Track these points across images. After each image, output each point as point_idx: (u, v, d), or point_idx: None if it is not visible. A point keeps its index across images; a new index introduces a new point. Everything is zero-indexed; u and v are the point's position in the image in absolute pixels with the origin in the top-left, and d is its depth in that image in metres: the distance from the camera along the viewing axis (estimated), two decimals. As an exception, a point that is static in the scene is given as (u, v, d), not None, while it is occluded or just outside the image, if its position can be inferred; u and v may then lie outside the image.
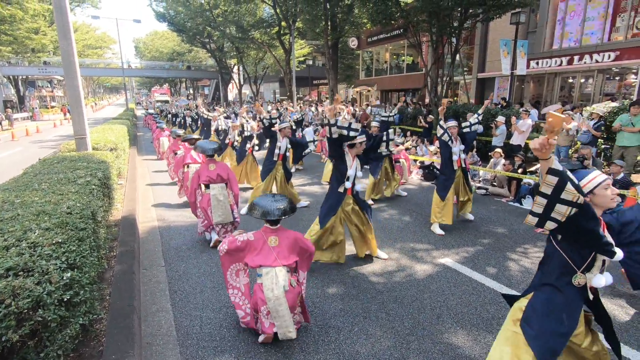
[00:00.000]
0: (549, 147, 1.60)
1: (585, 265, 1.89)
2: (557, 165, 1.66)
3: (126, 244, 4.30)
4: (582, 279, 1.90)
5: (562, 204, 1.71)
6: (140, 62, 51.97)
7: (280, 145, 5.98)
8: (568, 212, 1.72)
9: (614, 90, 13.99)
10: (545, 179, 1.70)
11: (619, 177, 6.07)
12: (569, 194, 1.68)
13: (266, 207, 2.76)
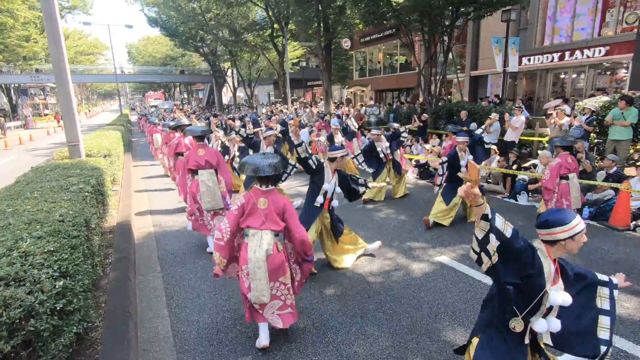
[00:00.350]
0: (474, 195, 1.62)
1: (529, 309, 1.82)
2: (489, 211, 1.67)
3: (121, 250, 4.27)
4: (518, 324, 1.83)
5: (485, 255, 1.75)
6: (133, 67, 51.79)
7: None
8: (488, 264, 1.77)
9: (606, 84, 14.11)
10: (479, 224, 1.72)
11: (612, 171, 6.12)
12: (491, 246, 1.72)
13: (257, 163, 2.69)
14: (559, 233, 1.79)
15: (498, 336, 1.91)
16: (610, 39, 13.02)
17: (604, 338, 1.96)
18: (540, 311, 1.86)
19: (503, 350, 1.88)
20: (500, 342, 1.90)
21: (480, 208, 1.66)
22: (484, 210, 1.67)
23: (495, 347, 1.90)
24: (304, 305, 3.45)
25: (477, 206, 1.66)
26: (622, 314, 3.18)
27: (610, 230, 5.17)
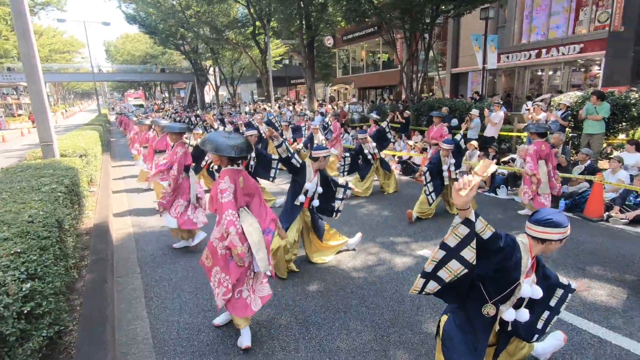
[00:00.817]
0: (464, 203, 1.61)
1: (500, 297, 1.90)
2: (473, 217, 1.68)
3: (98, 252, 4.15)
4: (491, 309, 1.91)
5: (458, 262, 1.75)
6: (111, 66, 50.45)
7: None
8: (459, 272, 1.77)
9: (581, 81, 14.56)
10: (457, 229, 1.71)
11: (586, 164, 6.32)
12: (469, 252, 1.72)
13: (218, 142, 2.60)
14: (554, 234, 1.84)
15: (465, 316, 2.01)
16: (584, 37, 13.44)
17: (539, 328, 2.17)
18: (511, 301, 1.92)
19: (469, 328, 1.98)
20: (467, 321, 1.99)
21: (465, 212, 1.67)
22: (468, 215, 1.68)
23: (462, 324, 2.00)
24: (286, 302, 3.43)
25: (464, 210, 1.66)
26: (595, 301, 3.28)
27: (585, 221, 5.33)
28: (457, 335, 1.98)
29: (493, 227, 1.76)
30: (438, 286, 1.86)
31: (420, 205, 5.48)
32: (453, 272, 1.78)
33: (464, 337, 1.97)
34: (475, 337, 1.96)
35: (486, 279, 1.86)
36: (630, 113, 7.27)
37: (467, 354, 1.93)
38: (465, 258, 1.73)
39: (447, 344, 2.01)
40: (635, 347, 2.67)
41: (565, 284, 2.21)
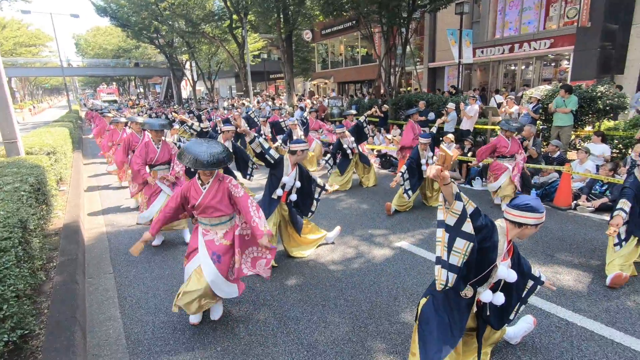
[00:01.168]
0: (443, 177, 1.67)
1: (477, 279, 1.98)
2: (457, 189, 1.74)
3: (68, 252, 3.99)
4: (469, 290, 1.99)
5: (462, 238, 1.78)
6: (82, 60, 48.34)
7: None
8: (466, 249, 1.79)
9: (551, 75, 15.04)
10: (453, 206, 1.74)
11: (556, 155, 6.55)
12: (468, 224, 1.77)
13: (197, 153, 2.59)
14: (530, 218, 1.94)
15: (444, 298, 2.07)
16: (554, 32, 13.87)
17: (510, 318, 2.29)
18: (488, 282, 2.00)
19: (446, 308, 2.05)
20: (445, 303, 2.06)
21: (448, 187, 1.71)
22: (453, 190, 1.72)
23: (440, 306, 2.06)
24: (265, 297, 3.41)
25: (446, 185, 1.71)
26: (562, 286, 3.42)
27: (554, 210, 5.53)
28: (433, 316, 2.04)
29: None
30: (455, 275, 1.85)
31: (399, 199, 5.55)
32: (461, 251, 1.80)
33: (440, 318, 2.02)
34: (452, 319, 2.02)
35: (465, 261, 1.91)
36: (596, 105, 7.57)
37: (441, 333, 1.98)
38: (467, 231, 1.78)
39: (422, 324, 2.07)
40: (599, 328, 2.80)
41: (537, 276, 2.30)
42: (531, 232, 2.01)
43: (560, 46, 13.58)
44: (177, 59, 33.75)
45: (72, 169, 8.87)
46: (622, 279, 3.28)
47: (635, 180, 3.34)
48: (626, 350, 2.57)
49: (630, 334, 2.72)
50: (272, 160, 3.78)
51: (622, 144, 7.21)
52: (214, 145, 2.70)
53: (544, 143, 8.18)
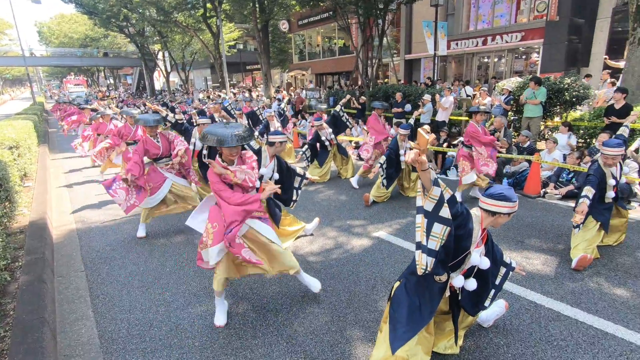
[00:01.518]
0: (421, 162, 1.69)
1: (451, 265, 2.05)
2: (435, 175, 1.78)
3: (34, 251, 3.81)
4: (443, 276, 2.05)
5: (439, 223, 1.83)
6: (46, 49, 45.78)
7: (196, 142, 5.55)
8: (443, 233, 1.85)
9: (522, 68, 15.51)
10: (431, 192, 1.78)
11: (526, 145, 6.78)
12: (445, 209, 1.81)
13: (220, 133, 2.59)
14: (504, 207, 2.01)
15: (417, 281, 2.13)
16: (525, 26, 14.27)
17: (485, 305, 2.36)
18: (461, 269, 2.05)
19: (418, 291, 2.11)
20: (418, 287, 2.12)
21: (426, 173, 1.74)
22: (431, 175, 1.75)
23: (412, 289, 2.13)
24: (243, 291, 3.38)
25: (424, 171, 1.74)
26: (531, 270, 3.57)
27: (524, 198, 5.75)
28: (405, 298, 2.10)
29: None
30: (433, 259, 1.90)
31: (377, 189, 5.61)
32: (439, 235, 1.85)
33: (411, 300, 2.09)
34: (423, 302, 2.08)
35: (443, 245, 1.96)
36: (564, 97, 7.87)
37: (411, 315, 2.04)
38: (444, 216, 1.82)
39: (394, 306, 2.13)
40: (565, 309, 2.94)
41: (508, 263, 2.40)
42: (504, 221, 2.08)
43: (531, 39, 14.00)
44: (149, 49, 32.58)
45: (37, 164, 8.45)
46: (587, 260, 3.46)
47: (598, 167, 3.50)
48: (589, 328, 2.72)
49: (592, 313, 2.88)
50: (252, 152, 3.73)
51: (587, 134, 7.54)
52: (234, 126, 2.70)
53: (515, 133, 8.45)
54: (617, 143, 3.38)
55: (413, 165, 5.08)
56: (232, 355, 2.58)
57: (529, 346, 2.56)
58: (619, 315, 2.85)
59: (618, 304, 3.00)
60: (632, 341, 2.58)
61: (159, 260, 4.04)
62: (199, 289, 3.44)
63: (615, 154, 3.38)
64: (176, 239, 4.60)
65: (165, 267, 3.90)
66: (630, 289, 3.20)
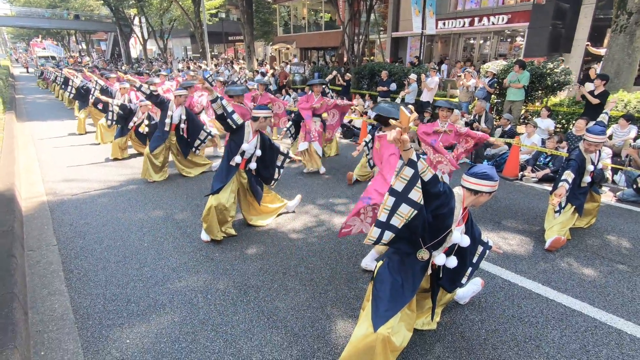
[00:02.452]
0: (403, 141, 1.67)
1: (433, 243, 2.07)
2: (415, 157, 1.75)
3: (2, 223, 3.62)
4: (425, 254, 2.07)
5: (408, 205, 1.83)
6: (10, 8, 42.46)
7: (173, 115, 5.32)
8: (410, 215, 1.86)
9: (506, 51, 15.58)
10: (403, 172, 1.78)
11: (507, 128, 6.88)
12: (416, 192, 1.80)
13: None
14: (485, 186, 2.03)
15: (399, 260, 2.16)
16: (512, 8, 14.23)
17: (462, 282, 2.41)
18: (442, 247, 2.08)
19: (401, 270, 2.14)
20: (400, 266, 2.15)
21: (407, 152, 1.73)
22: (411, 155, 1.74)
23: (394, 267, 2.15)
24: (224, 267, 3.35)
25: (406, 150, 1.72)
26: (507, 250, 3.69)
27: (503, 180, 5.88)
28: (387, 277, 2.12)
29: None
30: (392, 234, 1.94)
31: (361, 169, 5.60)
32: (404, 216, 1.87)
33: (394, 278, 2.11)
34: (405, 278, 2.11)
35: (422, 224, 1.97)
36: (545, 82, 7.98)
37: (393, 294, 2.07)
38: (413, 199, 1.82)
39: (377, 284, 2.15)
40: (537, 287, 3.07)
41: (485, 242, 2.44)
42: (485, 200, 2.11)
43: (517, 22, 14.00)
44: (124, 13, 30.70)
45: (3, 132, 7.97)
46: (561, 242, 3.60)
47: (580, 153, 3.58)
48: (558, 306, 2.85)
49: (562, 292, 3.02)
50: (234, 126, 3.61)
51: (564, 119, 7.73)
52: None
53: (497, 117, 8.57)
54: (600, 130, 3.45)
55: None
56: (213, 331, 2.57)
57: (502, 322, 2.67)
58: (586, 294, 3.00)
59: (586, 283, 3.15)
60: (596, 318, 2.73)
61: (137, 235, 3.94)
62: (178, 264, 3.38)
63: (598, 141, 3.46)
64: (155, 214, 4.48)
65: (143, 241, 3.80)
66: (597, 270, 3.36)
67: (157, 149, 5.41)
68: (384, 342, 1.95)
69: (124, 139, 6.81)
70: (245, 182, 3.92)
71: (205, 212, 3.66)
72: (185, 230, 4.04)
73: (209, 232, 3.72)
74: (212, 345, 2.45)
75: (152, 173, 5.51)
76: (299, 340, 2.50)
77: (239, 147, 3.67)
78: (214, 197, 3.68)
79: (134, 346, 2.44)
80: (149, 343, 2.47)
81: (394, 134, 1.67)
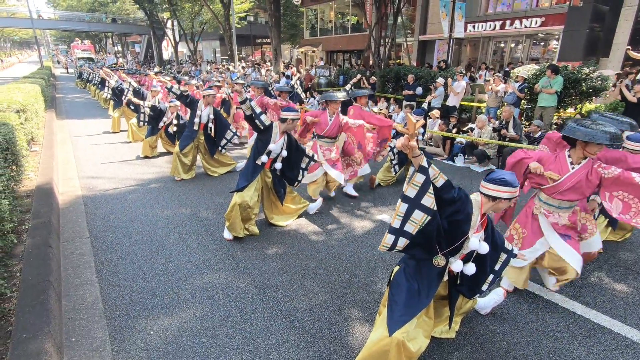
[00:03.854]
0: (411, 147, 1.67)
1: (450, 249, 2.03)
2: (425, 163, 1.74)
3: (41, 215, 3.86)
4: (441, 260, 2.04)
5: (420, 211, 1.83)
6: (54, 12, 45.01)
7: (202, 114, 5.48)
8: (423, 220, 1.85)
9: (539, 55, 15.04)
10: (414, 178, 1.77)
11: (537, 135, 6.65)
12: (429, 198, 1.79)
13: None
14: (504, 192, 1.99)
15: (415, 266, 2.14)
16: (546, 10, 13.74)
17: (483, 289, 2.35)
18: (460, 253, 2.05)
19: (417, 276, 2.12)
20: (417, 271, 2.13)
21: (417, 159, 1.74)
22: (421, 162, 1.75)
23: (411, 273, 2.14)
24: (245, 265, 3.42)
25: (415, 157, 1.73)
26: (533, 261, 3.56)
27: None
28: (404, 282, 2.11)
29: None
30: (407, 241, 1.94)
31: (385, 172, 5.57)
32: (418, 222, 1.87)
33: (410, 284, 2.10)
34: (422, 285, 2.09)
35: (437, 230, 1.95)
36: (580, 88, 7.65)
37: (409, 299, 2.06)
38: (426, 205, 1.82)
39: (393, 289, 2.14)
40: (563, 301, 2.95)
41: (509, 249, 2.37)
42: (505, 206, 2.06)
43: (551, 25, 13.51)
44: (158, 17, 31.91)
45: (44, 129, 8.47)
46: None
47: None
48: (586, 322, 2.74)
49: (591, 307, 2.89)
50: (262, 127, 3.69)
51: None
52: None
53: (526, 123, 8.28)
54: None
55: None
56: (232, 327, 2.64)
57: (524, 335, 2.59)
58: (617, 311, 2.86)
59: (617, 299, 3.00)
60: (627, 336, 2.60)
61: (163, 231, 4.09)
62: (201, 261, 3.48)
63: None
64: (180, 211, 4.64)
65: (169, 237, 3.95)
66: (630, 285, 3.19)
67: (187, 147, 5.59)
68: (399, 346, 1.95)
69: (154, 137, 7.07)
70: (270, 182, 4.00)
71: (230, 209, 3.76)
72: (209, 228, 4.16)
73: (232, 230, 3.81)
74: (231, 341, 2.51)
75: (180, 171, 5.70)
76: (315, 341, 2.52)
77: (266, 146, 3.75)
78: (239, 194, 3.76)
79: (157, 338, 2.54)
80: (171, 336, 2.56)
81: (402, 140, 1.69)
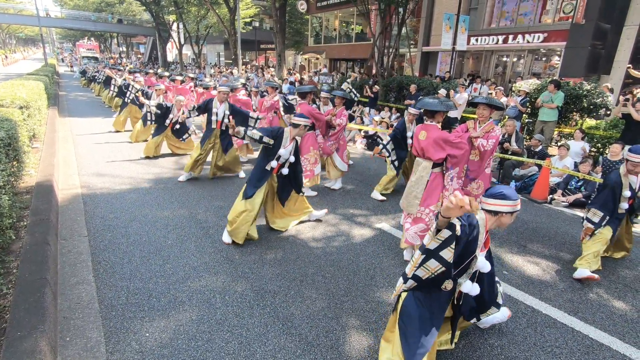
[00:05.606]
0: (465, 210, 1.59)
1: (458, 270, 2.03)
2: (456, 221, 1.75)
3: (40, 212, 3.85)
4: (449, 284, 2.03)
5: (437, 261, 1.85)
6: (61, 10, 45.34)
7: (217, 112, 5.51)
8: (436, 270, 1.87)
9: (541, 70, 15.17)
10: (440, 234, 1.77)
11: (538, 149, 6.67)
12: (448, 252, 1.81)
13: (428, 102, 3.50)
14: (504, 206, 1.99)
15: (424, 291, 2.09)
16: (549, 27, 13.89)
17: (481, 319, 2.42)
18: (468, 273, 2.03)
19: (427, 302, 2.08)
20: (426, 297, 2.09)
21: (447, 220, 1.73)
22: (453, 220, 1.75)
23: (421, 300, 2.09)
24: (243, 270, 3.41)
25: (446, 218, 1.70)
26: (532, 275, 3.55)
27: (531, 202, 5.69)
28: (415, 310, 2.05)
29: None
30: (414, 283, 1.98)
31: (385, 183, 5.51)
32: (430, 270, 1.89)
33: (421, 311, 2.05)
34: (432, 311, 2.06)
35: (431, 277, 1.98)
36: (581, 104, 7.71)
37: (423, 328, 2.02)
38: (444, 258, 1.83)
39: (404, 318, 2.08)
40: (562, 316, 2.94)
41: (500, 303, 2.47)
42: (508, 221, 2.06)
43: (553, 41, 13.65)
44: (164, 19, 32.10)
45: (46, 126, 8.47)
46: (593, 279, 3.41)
47: (617, 177, 3.42)
48: (585, 338, 2.72)
49: (589, 323, 2.87)
50: (269, 144, 3.74)
51: (600, 143, 7.41)
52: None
53: (527, 137, 8.32)
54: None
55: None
56: (228, 332, 2.61)
57: (522, 350, 2.57)
58: (615, 328, 2.85)
59: (616, 316, 2.99)
60: (626, 354, 2.58)
61: (162, 232, 4.07)
62: (199, 264, 3.46)
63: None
64: (179, 213, 4.62)
65: (167, 239, 3.93)
66: (629, 303, 3.18)
67: (204, 144, 5.64)
68: None
69: (160, 137, 7.06)
70: (276, 186, 4.02)
71: (236, 214, 3.74)
72: (208, 231, 4.15)
73: (234, 235, 3.78)
74: (227, 346, 2.49)
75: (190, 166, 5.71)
76: (312, 349, 2.50)
77: (274, 151, 3.77)
78: (248, 202, 3.75)
79: (152, 340, 2.52)
80: (167, 338, 2.53)
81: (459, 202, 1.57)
